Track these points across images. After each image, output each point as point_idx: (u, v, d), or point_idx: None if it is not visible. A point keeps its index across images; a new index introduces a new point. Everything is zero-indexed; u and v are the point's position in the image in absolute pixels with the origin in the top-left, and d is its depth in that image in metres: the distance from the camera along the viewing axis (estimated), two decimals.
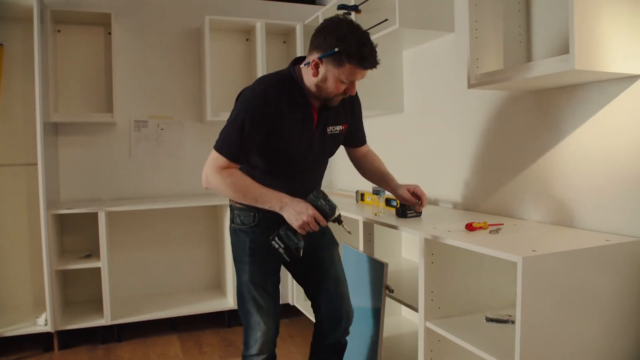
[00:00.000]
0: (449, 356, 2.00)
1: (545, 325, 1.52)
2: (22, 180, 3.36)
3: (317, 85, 1.71)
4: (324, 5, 3.40)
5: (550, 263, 1.52)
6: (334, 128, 1.87)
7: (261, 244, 1.77)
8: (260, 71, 3.59)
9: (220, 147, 1.70)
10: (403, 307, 2.72)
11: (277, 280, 1.94)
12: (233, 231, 1.94)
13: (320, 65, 1.67)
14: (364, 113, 2.17)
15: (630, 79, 1.72)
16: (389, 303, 2.34)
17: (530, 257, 1.48)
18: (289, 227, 1.68)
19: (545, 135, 2.09)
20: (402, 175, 2.36)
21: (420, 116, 2.95)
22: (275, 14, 3.92)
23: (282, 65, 3.90)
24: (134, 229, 3.65)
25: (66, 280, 3.43)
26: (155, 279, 3.72)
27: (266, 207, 1.70)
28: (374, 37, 2.66)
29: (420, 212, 2.23)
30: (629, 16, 1.63)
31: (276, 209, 1.69)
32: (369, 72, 1.74)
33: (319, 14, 3.38)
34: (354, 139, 2.07)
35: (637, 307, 1.67)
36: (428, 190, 2.79)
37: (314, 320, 2.12)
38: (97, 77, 3.56)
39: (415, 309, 2.03)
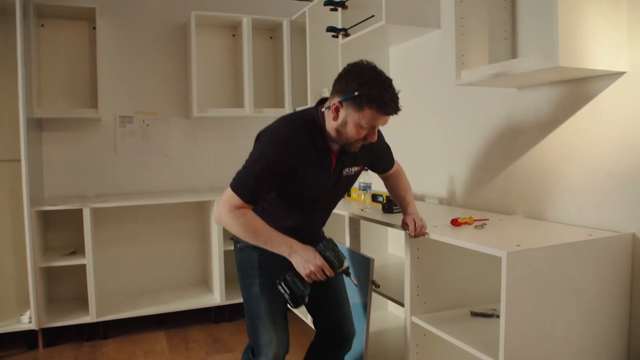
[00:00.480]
0: (434, 350, 2.02)
1: (529, 319, 1.54)
2: (6, 176, 3.31)
3: (337, 130, 1.69)
4: (311, 0, 3.40)
5: (534, 258, 1.54)
6: (349, 170, 1.87)
7: (271, 258, 1.75)
8: (247, 67, 3.58)
9: (235, 187, 1.68)
10: (389, 302, 2.74)
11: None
12: (239, 250, 1.92)
13: (340, 109, 1.65)
14: None
15: (613, 75, 1.75)
16: (375, 298, 2.35)
17: (515, 252, 1.50)
18: (296, 273, 1.68)
19: (530, 131, 2.11)
20: None
21: (406, 112, 2.94)
22: (262, 9, 3.90)
23: (268, 61, 3.98)
24: (120, 226, 3.62)
25: (51, 278, 3.39)
26: (141, 276, 3.70)
27: (275, 251, 1.69)
28: (360, 34, 2.69)
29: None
30: (612, 14, 1.65)
31: (285, 254, 1.68)
32: None
33: (306, 10, 3.37)
34: (373, 167, 2.06)
35: (618, 300, 1.70)
36: (414, 187, 2.81)
37: (308, 322, 2.10)
38: (82, 72, 3.52)
39: (401, 304, 2.05)
